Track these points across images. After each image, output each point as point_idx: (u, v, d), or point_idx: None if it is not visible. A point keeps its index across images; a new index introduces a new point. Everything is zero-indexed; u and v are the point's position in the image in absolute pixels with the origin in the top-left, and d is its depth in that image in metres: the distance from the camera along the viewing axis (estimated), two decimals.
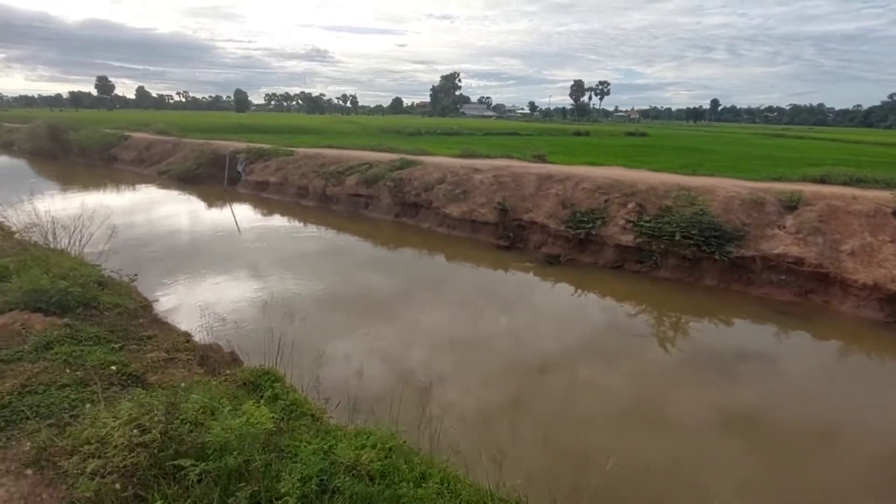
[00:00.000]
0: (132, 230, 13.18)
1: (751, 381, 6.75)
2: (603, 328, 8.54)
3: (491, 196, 13.65)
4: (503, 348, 7.41)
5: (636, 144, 34.21)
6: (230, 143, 24.47)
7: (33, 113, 70.81)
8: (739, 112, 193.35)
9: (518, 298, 9.85)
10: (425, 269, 11.51)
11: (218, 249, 12.10)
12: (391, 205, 15.28)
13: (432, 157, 18.91)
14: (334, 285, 9.85)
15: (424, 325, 8.22)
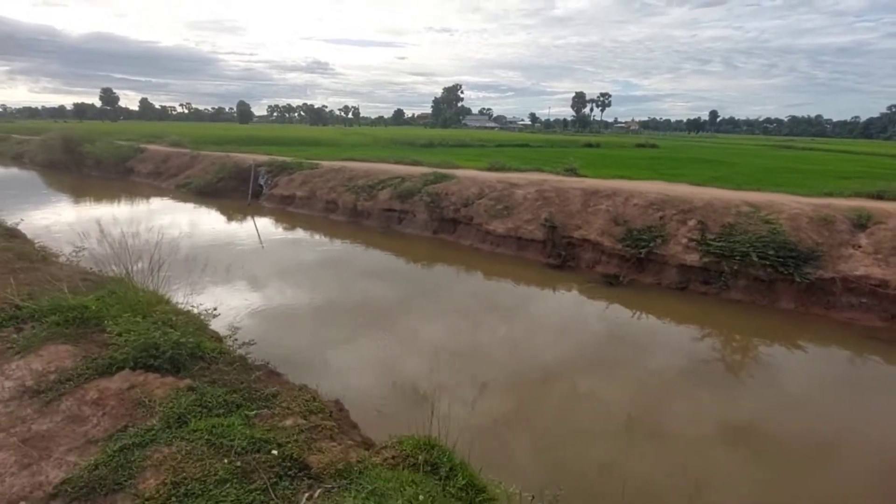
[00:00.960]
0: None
1: (849, 411, 6.21)
2: (682, 355, 7.95)
3: (536, 212, 13.13)
4: (586, 381, 6.82)
5: (652, 156, 33.88)
6: (248, 155, 24.01)
7: (39, 124, 70.55)
8: (738, 123, 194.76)
9: (583, 323, 9.27)
10: (477, 291, 10.92)
11: (256, 268, 11.52)
12: (428, 220, 14.75)
13: (461, 170, 18.44)
14: (386, 308, 9.26)
15: (497, 356, 7.62)
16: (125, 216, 16.68)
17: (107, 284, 4.85)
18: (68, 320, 3.85)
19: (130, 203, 20.05)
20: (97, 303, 4.11)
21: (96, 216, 15.82)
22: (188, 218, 17.24)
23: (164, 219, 16.76)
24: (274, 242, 14.32)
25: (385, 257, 13.15)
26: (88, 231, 6.64)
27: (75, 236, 7.17)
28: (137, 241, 6.29)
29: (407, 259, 13.00)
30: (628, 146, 52.46)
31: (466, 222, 14.12)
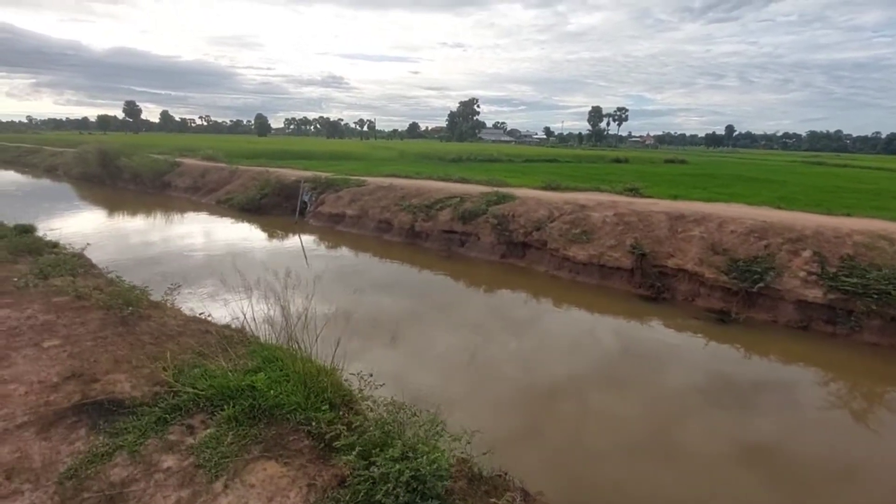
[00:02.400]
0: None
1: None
2: (833, 410, 6.87)
3: (619, 238, 12.17)
4: (708, 442, 5.77)
5: (690, 173, 32.72)
6: (289, 170, 23.45)
7: (66, 136, 71.61)
8: (756, 138, 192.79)
9: (708, 370, 8.22)
10: (571, 327, 9.93)
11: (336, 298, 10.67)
12: (495, 244, 13.84)
13: (518, 189, 17.55)
14: (477, 345, 8.31)
15: (595, 405, 6.61)
16: (178, 234, 16.06)
17: (238, 342, 4.00)
18: (244, 412, 2.98)
19: (175, 219, 19.47)
20: (266, 382, 3.23)
21: (158, 237, 15.15)
22: (242, 235, 16.55)
23: (218, 236, 16.10)
24: (331, 264, 13.52)
25: (453, 284, 12.25)
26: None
27: (146, 262, 6.38)
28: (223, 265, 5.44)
29: (478, 286, 12.09)
30: (657, 161, 51.38)
31: (538, 247, 13.19)
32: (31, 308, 4.64)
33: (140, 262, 12.36)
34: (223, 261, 12.99)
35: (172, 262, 12.83)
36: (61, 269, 6.06)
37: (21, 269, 6.99)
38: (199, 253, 14.01)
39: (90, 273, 6.80)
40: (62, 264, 6.24)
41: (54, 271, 5.99)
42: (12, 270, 6.60)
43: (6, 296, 5.00)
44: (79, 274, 6.29)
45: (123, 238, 15.54)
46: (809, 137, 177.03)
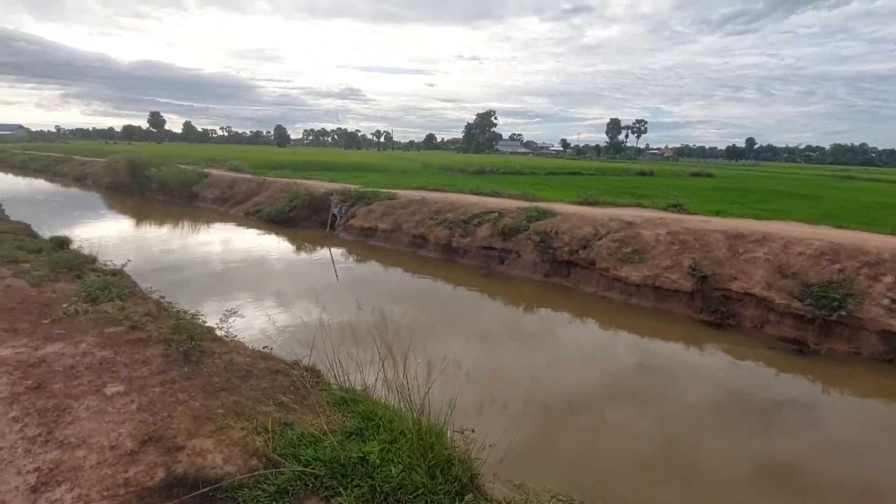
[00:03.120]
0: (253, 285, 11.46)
1: None
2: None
3: (676, 258, 11.46)
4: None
5: (721, 187, 31.64)
6: (317, 182, 23.23)
7: (93, 145, 73.35)
8: (777, 151, 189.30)
9: (794, 410, 7.44)
10: (627, 353, 9.23)
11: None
12: (538, 262, 13.23)
13: (552, 203, 16.92)
14: (527, 372, 7.68)
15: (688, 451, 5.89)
16: (210, 246, 15.78)
17: (313, 384, 3.46)
18: (363, 499, 2.41)
19: (206, 230, 19.27)
20: (379, 453, 2.67)
21: (191, 248, 14.78)
22: (273, 248, 16.22)
23: (251, 249, 15.77)
24: (365, 280, 13.05)
25: (501, 306, 11.64)
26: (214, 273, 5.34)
27: (182, 276, 5.91)
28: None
29: (527, 308, 11.47)
30: (683, 175, 50.39)
31: (585, 266, 12.54)
32: (85, 341, 4.19)
33: (178, 277, 12.05)
34: (261, 276, 12.61)
35: (208, 276, 12.49)
36: (109, 292, 5.65)
37: (64, 287, 6.62)
38: (234, 266, 13.67)
39: (136, 294, 6.38)
40: (109, 286, 5.82)
41: (102, 294, 5.58)
42: (56, 291, 6.22)
43: (57, 324, 4.57)
44: (125, 296, 5.86)
45: (158, 250, 15.31)
46: (834, 150, 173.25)
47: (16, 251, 8.89)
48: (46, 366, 3.65)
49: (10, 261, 7.97)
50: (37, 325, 4.49)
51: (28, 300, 5.56)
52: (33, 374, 3.51)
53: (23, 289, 6.13)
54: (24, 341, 4.05)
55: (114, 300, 5.43)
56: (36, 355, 3.80)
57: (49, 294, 6.01)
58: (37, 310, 5.16)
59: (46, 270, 7.38)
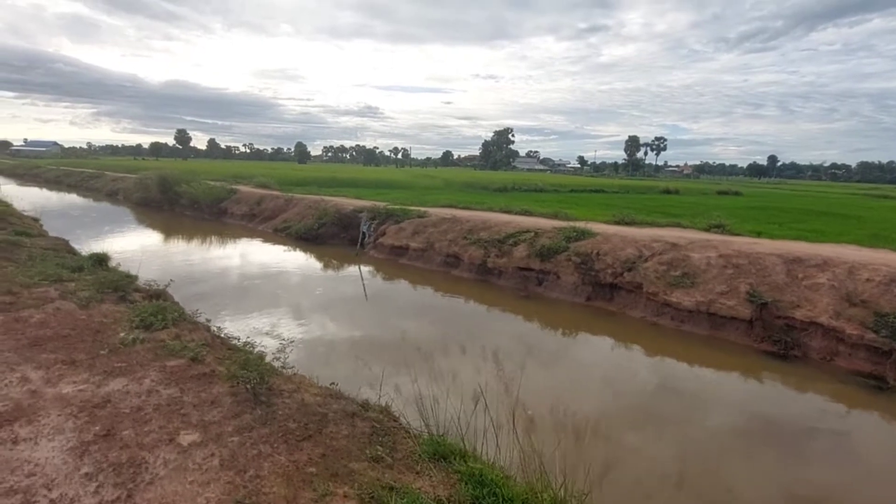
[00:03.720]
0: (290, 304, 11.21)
1: None
2: None
3: (730, 283, 10.86)
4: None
5: (756, 206, 30.68)
6: (345, 199, 23.21)
7: (123, 162, 75.72)
8: (802, 168, 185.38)
9: (884, 455, 6.76)
10: (686, 384, 8.63)
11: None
12: (579, 284, 12.73)
13: (586, 222, 16.41)
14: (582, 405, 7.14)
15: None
16: (245, 264, 15.68)
17: (394, 431, 3.07)
18: None
19: (237, 246, 19.27)
20: None
21: (228, 264, 14.65)
22: (304, 265, 16.05)
23: (282, 265, 15.62)
24: (397, 299, 12.71)
25: (544, 332, 11.15)
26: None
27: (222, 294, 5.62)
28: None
29: (571, 333, 10.95)
30: (709, 193, 49.36)
31: (631, 290, 12.00)
32: (148, 377, 3.90)
33: (214, 294, 11.90)
34: (295, 293, 12.35)
35: (244, 292, 12.31)
36: (163, 319, 5.40)
37: (111, 309, 6.42)
38: (266, 283, 13.49)
39: (186, 319, 6.13)
40: (163, 312, 5.58)
41: (156, 321, 5.33)
42: (106, 314, 6.00)
43: (115, 355, 4.30)
44: (177, 322, 5.61)
45: (194, 265, 15.26)
46: (861, 168, 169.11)
47: (59, 269, 8.80)
48: (112, 407, 3.36)
49: (55, 280, 7.86)
50: (95, 356, 4.23)
51: (80, 325, 5.34)
52: (100, 417, 3.22)
53: (72, 312, 5.94)
54: (84, 376, 3.79)
55: (168, 327, 5.18)
56: (100, 393, 3.52)
57: (99, 318, 5.79)
58: (90, 336, 4.93)
59: (92, 291, 7.22)
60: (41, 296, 6.59)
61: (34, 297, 6.52)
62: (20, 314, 5.54)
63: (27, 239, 12.12)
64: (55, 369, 3.86)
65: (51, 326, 5.16)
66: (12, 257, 9.94)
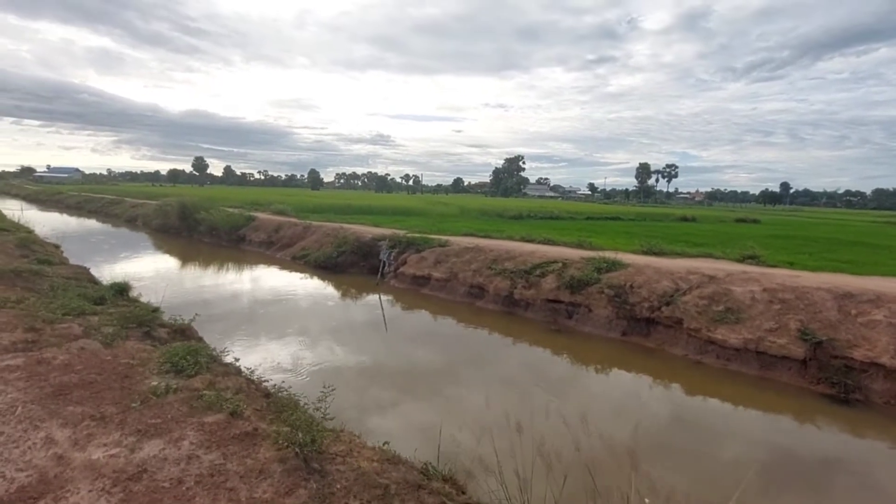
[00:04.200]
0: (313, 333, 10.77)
1: None
2: None
3: (779, 319, 10.23)
4: None
5: (779, 235, 29.89)
6: (363, 227, 23.04)
7: (142, 188, 77.32)
8: (815, 196, 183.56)
9: None
10: (739, 429, 7.94)
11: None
12: (613, 318, 12.16)
13: (611, 252, 15.90)
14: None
15: None
16: (265, 293, 15.35)
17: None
18: None
19: (258, 275, 19.03)
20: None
21: (250, 296, 14.19)
22: (321, 293, 15.68)
23: (303, 295, 15.28)
24: (426, 333, 12.21)
25: (580, 370, 10.55)
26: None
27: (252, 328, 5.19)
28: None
29: (606, 372, 10.34)
30: (727, 220, 48.70)
31: (670, 325, 11.39)
32: (185, 437, 3.48)
33: (238, 324, 11.53)
34: (314, 325, 11.91)
35: (266, 325, 11.93)
36: (196, 362, 5.01)
37: (137, 348, 6.05)
38: (285, 314, 13.11)
39: (216, 360, 5.74)
40: (195, 354, 5.19)
41: (187, 364, 4.94)
42: (132, 354, 5.63)
43: (148, 408, 3.89)
44: (209, 365, 5.21)
45: (215, 294, 14.98)
46: (876, 195, 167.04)
47: (81, 302, 8.52)
48: (149, 478, 2.93)
49: (78, 313, 7.56)
50: (125, 410, 3.83)
51: (106, 368, 4.96)
52: (136, 494, 2.79)
53: (97, 352, 5.58)
54: (115, 436, 3.38)
55: (201, 372, 4.78)
56: (134, 460, 3.09)
57: (125, 359, 5.42)
58: (118, 382, 4.54)
59: (116, 327, 6.90)
60: (64, 332, 6.26)
61: (57, 334, 6.19)
62: (43, 355, 5.19)
63: (49, 268, 11.95)
64: (83, 427, 3.46)
65: (76, 370, 4.79)
66: (34, 287, 9.73)
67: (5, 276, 9.63)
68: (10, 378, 4.35)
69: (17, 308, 7.46)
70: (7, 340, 5.61)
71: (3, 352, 5.34)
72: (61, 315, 7.25)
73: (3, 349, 5.40)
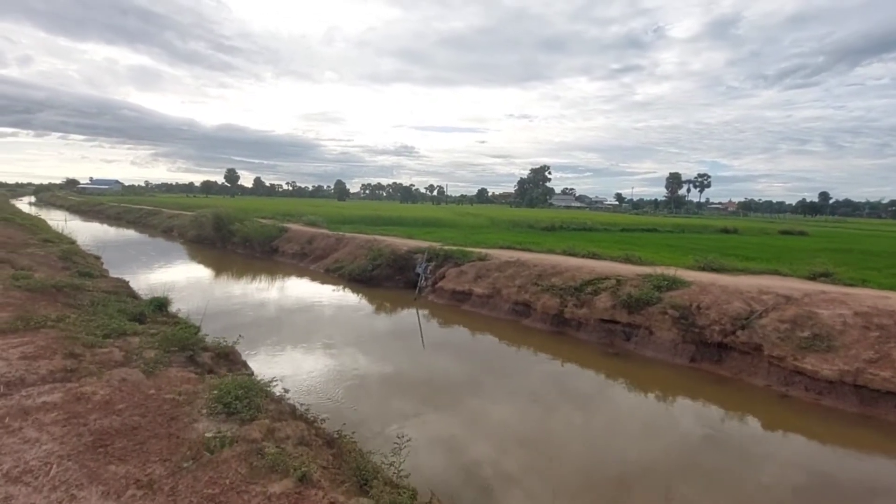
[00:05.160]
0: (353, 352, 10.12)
1: None
2: None
3: (880, 349, 9.01)
4: None
5: (835, 249, 27.85)
6: (397, 239, 22.51)
7: (176, 199, 79.59)
8: (858, 206, 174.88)
9: None
10: (835, 475, 6.80)
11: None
12: (678, 342, 11.10)
13: (664, 267, 14.73)
14: None
15: None
16: (298, 308, 14.89)
17: None
18: None
19: (290, 288, 18.68)
20: None
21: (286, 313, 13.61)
22: (359, 309, 15.11)
23: (336, 310, 14.74)
24: (471, 354, 11.41)
25: (636, 397, 9.54)
26: None
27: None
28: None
29: (673, 401, 9.30)
30: (771, 232, 46.29)
31: (746, 351, 10.27)
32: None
33: (280, 344, 11.03)
34: (351, 344, 11.26)
35: (307, 344, 11.39)
36: (247, 404, 4.37)
37: (181, 377, 5.49)
38: (322, 329, 12.56)
39: (268, 395, 5.11)
40: (247, 392, 4.57)
41: (241, 406, 4.30)
42: (177, 387, 5.05)
43: (200, 467, 3.25)
44: (264, 406, 4.57)
45: (253, 309, 14.61)
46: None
47: (121, 321, 8.12)
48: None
49: (119, 334, 7.13)
50: (176, 471, 3.20)
51: (150, 406, 4.38)
52: None
53: (139, 384, 5.03)
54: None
55: (257, 417, 4.14)
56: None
57: (169, 392, 4.85)
58: (164, 427, 3.93)
59: (158, 351, 6.39)
60: (104, 359, 5.77)
61: (97, 360, 5.70)
62: (83, 388, 4.65)
63: (89, 281, 11.76)
64: (128, 499, 2.83)
65: (117, 410, 4.22)
66: (74, 302, 9.43)
67: (47, 291, 9.37)
68: (46, 421, 3.80)
69: (58, 328, 7.07)
70: (45, 369, 5.12)
71: (42, 382, 4.85)
72: (101, 337, 6.81)
73: (41, 379, 4.92)
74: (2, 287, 9.01)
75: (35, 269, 13.24)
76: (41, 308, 8.42)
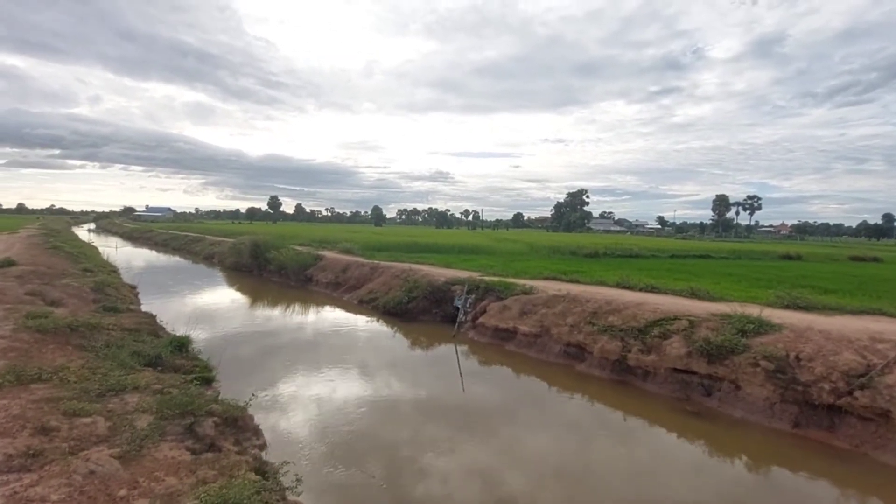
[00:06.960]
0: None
1: None
2: None
3: None
4: None
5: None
6: (430, 268, 21.35)
7: (222, 225, 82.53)
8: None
9: None
10: None
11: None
12: (775, 402, 9.13)
13: (737, 304, 12.66)
14: None
15: None
16: (333, 345, 13.86)
17: None
18: None
19: (324, 320, 17.76)
20: None
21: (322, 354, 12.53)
22: (395, 346, 13.87)
23: (374, 348, 13.58)
24: (511, 406, 9.82)
25: (745, 474, 7.66)
26: None
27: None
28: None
29: (776, 480, 7.36)
30: (840, 259, 42.06)
31: (870, 417, 8.21)
32: None
33: (305, 385, 9.91)
34: (407, 391, 9.92)
35: (341, 390, 10.19)
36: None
37: (170, 461, 4.35)
38: (357, 369, 11.35)
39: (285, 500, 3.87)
40: (258, 492, 3.34)
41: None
42: (162, 480, 3.89)
43: None
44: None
45: (284, 347, 13.68)
46: None
47: (127, 369, 7.22)
48: None
49: (117, 390, 6.16)
50: None
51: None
52: None
53: (108, 480, 3.91)
54: None
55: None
56: None
57: (143, 498, 3.68)
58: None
59: (153, 418, 5.32)
60: (83, 433, 4.73)
61: (74, 435, 4.67)
62: (30, 491, 3.55)
63: (112, 317, 11.12)
64: None
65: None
66: (88, 344, 8.68)
67: (60, 331, 8.67)
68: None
69: (52, 382, 6.19)
70: (2, 453, 4.09)
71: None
72: (95, 396, 5.85)
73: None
74: (12, 328, 8.37)
75: (64, 302, 12.87)
76: (47, 353, 7.67)
